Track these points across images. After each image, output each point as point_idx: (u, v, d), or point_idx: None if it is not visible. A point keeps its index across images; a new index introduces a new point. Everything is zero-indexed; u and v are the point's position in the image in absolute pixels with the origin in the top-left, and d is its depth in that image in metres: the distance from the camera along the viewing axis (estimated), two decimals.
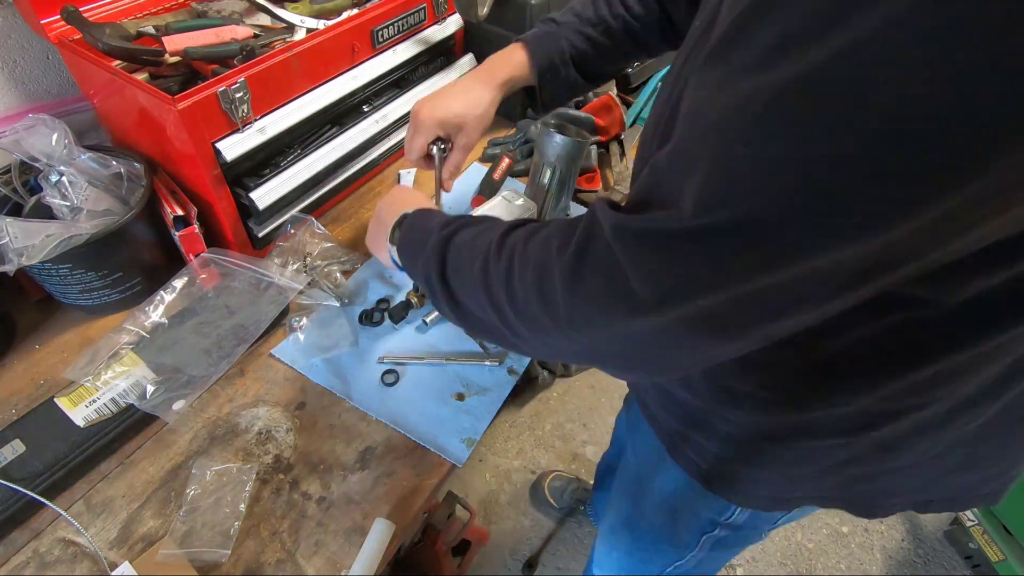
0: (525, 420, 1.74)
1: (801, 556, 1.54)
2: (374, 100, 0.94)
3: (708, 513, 0.64)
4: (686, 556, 0.73)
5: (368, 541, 0.60)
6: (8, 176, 0.73)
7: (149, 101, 0.69)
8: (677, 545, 0.72)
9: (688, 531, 0.69)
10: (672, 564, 0.76)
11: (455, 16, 1.02)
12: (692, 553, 0.72)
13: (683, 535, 0.70)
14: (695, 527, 0.67)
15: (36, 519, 0.60)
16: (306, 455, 0.67)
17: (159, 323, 0.73)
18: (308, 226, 0.86)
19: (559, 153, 0.81)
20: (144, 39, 0.79)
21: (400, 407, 0.72)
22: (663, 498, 0.68)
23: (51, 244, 0.64)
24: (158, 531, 0.60)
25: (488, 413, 0.72)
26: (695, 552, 0.71)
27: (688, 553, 0.72)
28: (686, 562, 0.74)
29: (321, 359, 0.75)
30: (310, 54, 0.78)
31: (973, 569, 1.51)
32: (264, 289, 0.78)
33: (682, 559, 0.74)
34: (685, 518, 0.68)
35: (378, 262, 0.88)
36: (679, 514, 0.68)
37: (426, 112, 0.67)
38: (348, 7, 0.90)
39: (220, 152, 0.72)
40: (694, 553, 0.72)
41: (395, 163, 1.07)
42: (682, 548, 0.72)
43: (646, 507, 0.73)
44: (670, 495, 0.66)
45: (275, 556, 0.59)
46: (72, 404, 0.65)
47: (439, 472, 0.67)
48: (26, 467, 0.60)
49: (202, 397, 0.71)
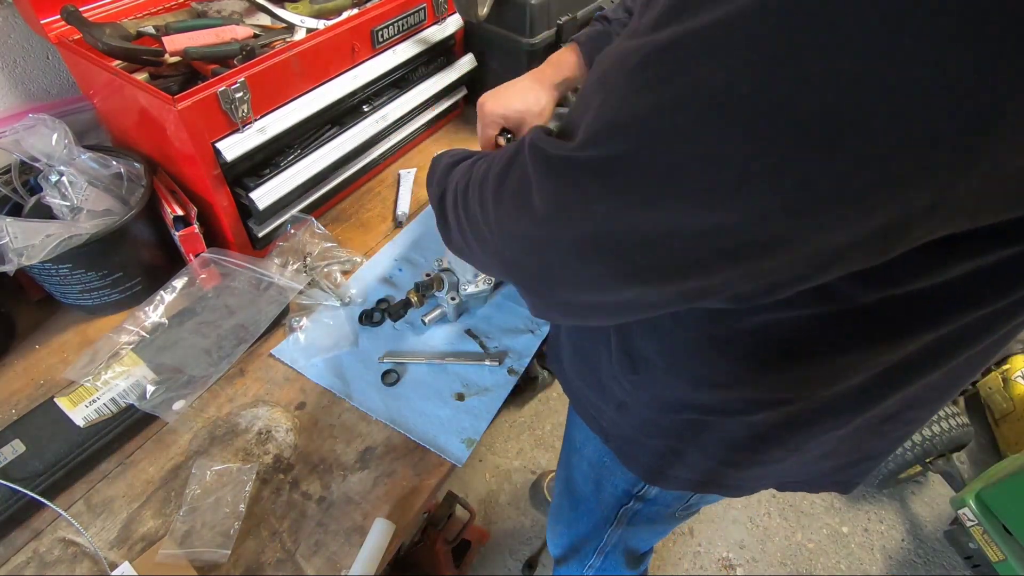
0: (525, 420, 1.74)
1: (801, 556, 1.54)
2: (374, 100, 0.94)
3: (624, 484, 0.67)
4: (607, 531, 0.76)
5: (368, 541, 0.60)
6: (8, 176, 0.73)
7: (149, 101, 0.69)
8: (601, 519, 0.75)
9: (610, 501, 0.71)
10: (603, 538, 0.79)
11: (455, 16, 1.02)
12: (611, 528, 0.75)
13: (606, 506, 0.72)
14: (614, 499, 0.70)
15: (36, 519, 0.60)
16: (306, 455, 0.67)
17: (159, 323, 0.73)
18: (308, 226, 0.86)
19: None
20: (144, 39, 0.79)
21: (400, 407, 0.72)
22: (590, 464, 0.71)
23: (51, 244, 0.64)
24: (158, 531, 0.60)
25: (488, 413, 0.72)
26: (614, 527, 0.74)
27: (608, 527, 0.75)
28: (607, 539, 0.78)
29: (321, 359, 0.76)
30: (310, 54, 0.78)
31: (973, 569, 1.51)
32: (264, 289, 0.78)
33: (603, 538, 0.78)
34: (607, 488, 0.70)
35: (377, 263, 0.88)
36: (602, 483, 0.70)
37: (490, 106, 0.72)
38: (348, 7, 0.90)
39: (220, 152, 0.72)
40: (613, 527, 0.75)
41: (395, 163, 1.07)
42: (603, 523, 0.75)
43: (578, 474, 0.75)
44: (594, 461, 0.69)
45: (275, 556, 0.59)
46: (72, 404, 0.65)
47: (439, 472, 0.67)
48: (26, 467, 0.60)
49: (202, 397, 0.71)
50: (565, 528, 0.87)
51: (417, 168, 1.05)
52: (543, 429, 1.73)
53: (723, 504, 1.62)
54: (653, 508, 0.69)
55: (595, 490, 0.72)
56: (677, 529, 1.55)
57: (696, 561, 1.51)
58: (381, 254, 0.90)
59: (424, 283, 0.79)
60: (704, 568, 1.50)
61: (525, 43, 1.00)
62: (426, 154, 1.09)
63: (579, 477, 0.75)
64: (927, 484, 1.72)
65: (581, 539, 0.85)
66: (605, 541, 0.80)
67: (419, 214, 0.97)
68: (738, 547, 1.55)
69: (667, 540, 1.53)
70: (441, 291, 0.79)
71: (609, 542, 0.80)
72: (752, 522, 1.60)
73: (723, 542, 1.55)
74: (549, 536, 0.99)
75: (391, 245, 0.91)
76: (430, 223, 0.95)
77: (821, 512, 1.63)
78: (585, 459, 0.71)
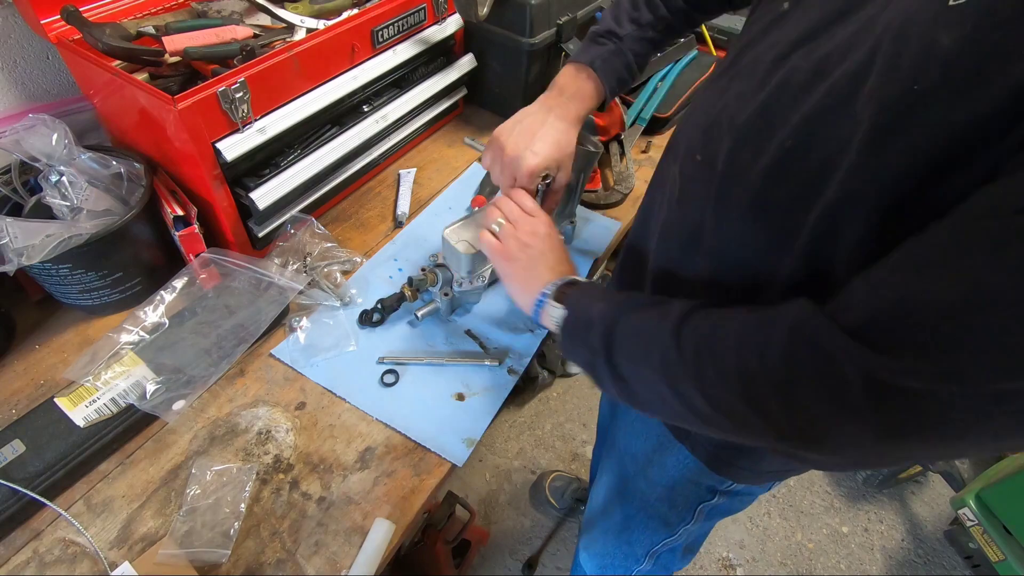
0: (525, 420, 1.74)
1: (801, 556, 1.54)
2: (374, 100, 0.94)
3: (709, 482, 0.65)
4: (679, 530, 0.74)
5: (368, 541, 0.60)
6: (8, 176, 0.73)
7: (149, 101, 0.69)
8: (670, 520, 0.73)
9: (685, 503, 0.69)
10: (662, 541, 0.77)
11: (455, 16, 1.02)
12: (686, 526, 0.73)
13: (679, 508, 0.71)
14: (693, 498, 0.68)
15: (36, 519, 0.60)
16: (306, 455, 0.67)
17: (159, 323, 0.73)
18: (308, 226, 0.86)
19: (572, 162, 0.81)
20: (144, 39, 0.79)
21: (400, 407, 0.72)
22: (663, 472, 0.68)
23: (51, 244, 0.64)
24: (158, 531, 0.60)
25: (488, 413, 0.72)
26: (689, 525, 0.72)
27: (682, 527, 0.73)
28: (677, 536, 0.75)
29: (321, 359, 0.76)
30: (310, 54, 0.78)
31: (973, 569, 1.51)
32: (264, 289, 0.78)
33: (674, 534, 0.75)
34: (684, 490, 0.68)
35: (377, 263, 0.88)
36: (678, 488, 0.68)
37: (527, 164, 0.64)
38: (348, 7, 0.90)
39: (220, 152, 0.72)
40: (688, 526, 0.73)
41: (395, 163, 1.07)
42: (676, 523, 0.73)
43: (641, 483, 0.73)
44: (672, 471, 0.67)
45: (275, 556, 0.59)
46: (72, 404, 0.65)
47: (439, 472, 0.67)
48: (26, 467, 0.60)
49: (202, 397, 0.71)
50: (614, 537, 0.84)
51: (417, 168, 1.05)
52: (543, 429, 1.73)
53: None
54: (737, 500, 0.68)
55: (665, 495, 0.70)
56: None
57: (696, 561, 1.51)
58: (381, 254, 0.90)
59: (418, 278, 0.80)
60: (704, 568, 1.50)
61: (525, 43, 1.00)
62: (426, 154, 1.09)
63: (642, 483, 0.73)
64: (927, 484, 1.72)
65: (634, 545, 0.82)
66: (665, 543, 0.77)
67: (419, 214, 0.97)
68: (738, 547, 1.55)
69: None
70: (435, 286, 0.80)
71: (672, 544, 0.77)
72: (752, 522, 1.60)
73: (723, 542, 1.55)
74: (584, 546, 0.96)
75: (391, 245, 0.91)
76: (430, 223, 0.95)
77: (821, 512, 1.63)
78: (654, 467, 0.69)
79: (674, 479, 0.67)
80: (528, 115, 0.67)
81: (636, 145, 1.13)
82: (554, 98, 0.68)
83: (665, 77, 1.19)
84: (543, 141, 0.65)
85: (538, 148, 0.65)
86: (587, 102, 0.68)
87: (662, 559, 0.82)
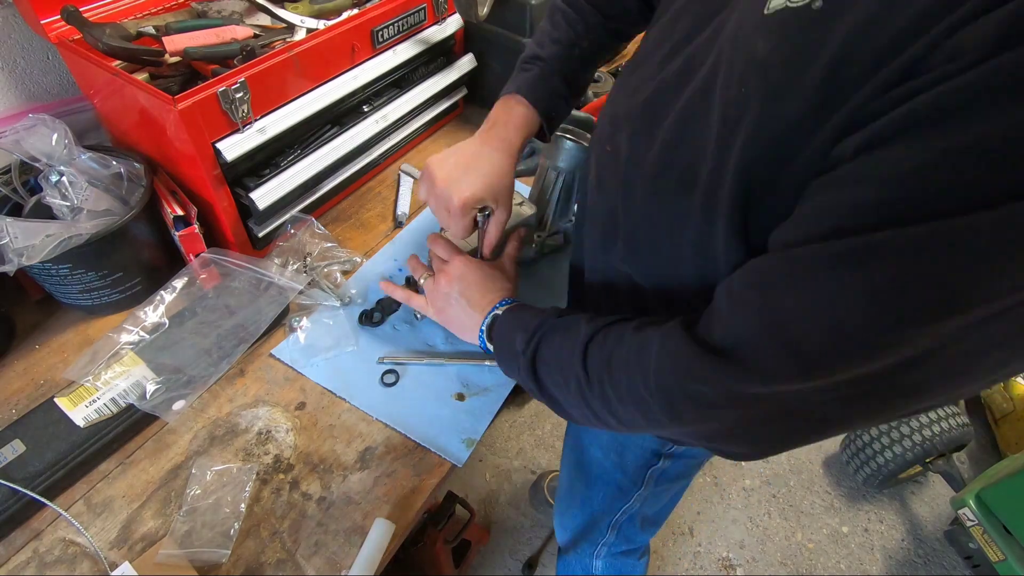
0: (525, 420, 1.74)
1: (801, 556, 1.54)
2: (374, 100, 0.94)
3: (653, 445, 0.68)
4: (632, 495, 0.77)
5: (368, 541, 0.60)
6: (8, 176, 0.73)
7: (149, 101, 0.69)
8: (624, 486, 0.77)
9: (635, 468, 0.73)
10: (621, 508, 0.81)
11: (455, 16, 1.02)
12: (639, 491, 0.76)
13: (630, 473, 0.74)
14: (642, 462, 0.72)
15: (36, 519, 0.60)
16: (306, 455, 0.67)
17: (159, 323, 0.73)
18: (308, 226, 0.86)
19: (568, 160, 0.81)
20: (144, 39, 0.79)
21: (400, 407, 0.72)
22: (614, 439, 0.72)
23: (51, 244, 0.64)
24: (158, 531, 0.60)
25: (488, 413, 0.72)
26: (641, 490, 0.76)
27: (635, 492, 0.77)
28: (632, 502, 0.79)
29: (321, 359, 0.76)
30: (310, 54, 0.78)
31: (973, 569, 1.51)
32: (264, 289, 0.78)
33: (628, 499, 0.79)
34: (633, 456, 0.72)
35: (377, 263, 0.88)
36: (627, 453, 0.72)
37: (459, 194, 0.62)
38: (348, 7, 0.90)
39: (220, 152, 0.72)
40: (640, 491, 0.76)
41: (395, 163, 1.07)
42: (629, 488, 0.77)
43: (596, 452, 0.77)
44: (621, 436, 0.71)
45: (275, 556, 0.59)
46: (72, 404, 0.65)
47: (439, 472, 0.67)
48: (26, 467, 0.60)
49: (202, 397, 0.71)
50: (579, 509, 0.89)
51: (417, 168, 1.05)
52: (543, 429, 1.73)
53: (723, 504, 1.62)
54: (681, 462, 0.71)
55: (618, 461, 0.74)
56: (676, 529, 1.55)
57: (696, 561, 1.51)
58: (381, 254, 0.90)
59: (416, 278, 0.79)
60: (704, 568, 1.50)
61: (525, 43, 1.00)
62: (426, 154, 1.09)
63: (597, 452, 0.76)
64: (927, 484, 1.72)
65: (596, 515, 0.86)
66: (623, 511, 0.82)
67: (419, 214, 0.97)
68: (738, 547, 1.55)
69: (667, 540, 1.53)
70: None
71: (629, 511, 0.81)
72: (752, 522, 1.60)
73: (723, 542, 1.55)
74: (558, 523, 1.00)
75: (391, 245, 0.91)
76: (430, 223, 0.95)
77: (821, 512, 1.63)
78: (604, 434, 0.73)
79: (623, 443, 0.72)
80: (462, 147, 0.66)
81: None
82: (487, 131, 0.67)
83: None
84: (476, 172, 0.63)
85: (471, 179, 0.63)
86: (522, 130, 0.67)
87: (623, 530, 0.87)
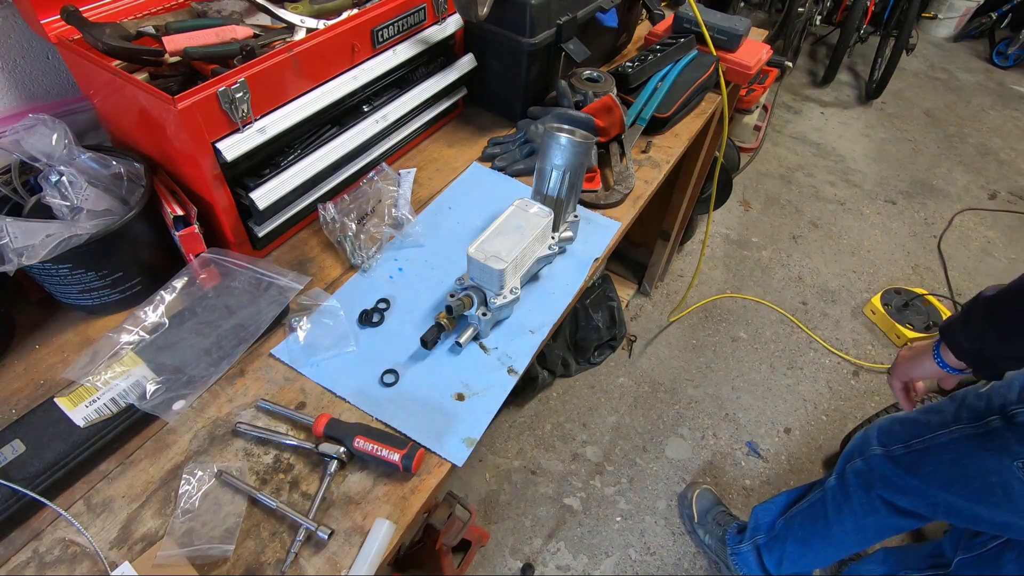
0: (525, 420, 1.74)
1: None
2: (374, 100, 0.95)
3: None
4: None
5: (368, 541, 0.60)
6: (8, 176, 0.73)
7: (149, 101, 0.69)
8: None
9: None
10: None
11: (455, 16, 1.02)
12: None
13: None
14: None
15: (36, 519, 0.60)
16: (306, 455, 0.67)
17: (159, 323, 0.73)
18: (383, 174, 0.93)
19: (568, 155, 0.81)
20: (144, 39, 0.79)
21: (400, 407, 0.72)
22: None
23: (51, 244, 0.64)
24: (158, 531, 0.60)
25: (488, 413, 0.72)
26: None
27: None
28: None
29: (321, 359, 0.76)
30: (310, 54, 0.78)
31: None
32: (264, 289, 0.78)
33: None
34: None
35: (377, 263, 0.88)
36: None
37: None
38: (348, 7, 0.91)
39: (220, 152, 0.72)
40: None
41: (395, 163, 1.07)
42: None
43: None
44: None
45: (275, 556, 0.59)
46: (72, 404, 0.65)
47: (439, 472, 0.67)
48: (26, 467, 0.60)
49: (202, 397, 0.71)
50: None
51: (417, 168, 1.05)
52: (543, 429, 1.73)
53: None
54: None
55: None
56: (677, 529, 1.55)
57: (696, 561, 1.51)
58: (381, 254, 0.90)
59: (455, 304, 0.76)
60: (704, 568, 1.50)
61: (525, 43, 1.00)
62: (426, 154, 1.09)
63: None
64: None
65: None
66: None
67: (419, 214, 0.97)
68: None
69: (667, 540, 1.53)
70: (471, 309, 0.76)
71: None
72: None
73: None
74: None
75: (391, 245, 0.91)
76: (431, 223, 0.95)
77: None
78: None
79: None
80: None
81: (636, 145, 1.13)
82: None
83: (665, 77, 1.19)
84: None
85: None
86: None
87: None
